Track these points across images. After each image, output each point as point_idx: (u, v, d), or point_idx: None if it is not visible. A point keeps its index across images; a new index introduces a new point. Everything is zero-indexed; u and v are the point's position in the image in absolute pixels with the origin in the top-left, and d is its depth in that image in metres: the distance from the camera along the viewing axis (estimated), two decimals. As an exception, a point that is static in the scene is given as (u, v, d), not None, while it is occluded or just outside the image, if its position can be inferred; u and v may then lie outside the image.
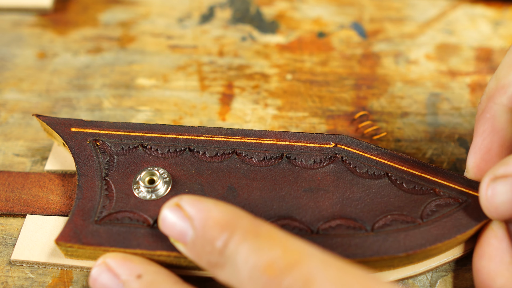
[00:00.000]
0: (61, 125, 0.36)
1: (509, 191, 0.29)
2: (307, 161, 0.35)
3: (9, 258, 0.34)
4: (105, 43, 0.48)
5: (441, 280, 0.33)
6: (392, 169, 0.35)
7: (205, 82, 0.45)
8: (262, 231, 0.27)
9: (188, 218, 0.28)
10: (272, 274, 0.25)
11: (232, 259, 0.26)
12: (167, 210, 0.29)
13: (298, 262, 0.26)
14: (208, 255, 0.27)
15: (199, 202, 0.29)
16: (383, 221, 0.32)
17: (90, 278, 0.30)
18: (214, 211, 0.28)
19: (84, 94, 0.44)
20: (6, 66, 0.46)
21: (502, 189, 0.29)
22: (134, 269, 0.30)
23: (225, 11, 0.51)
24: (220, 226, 0.27)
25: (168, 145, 0.36)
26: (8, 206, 0.36)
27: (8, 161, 0.40)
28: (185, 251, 0.29)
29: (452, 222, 0.32)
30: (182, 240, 0.29)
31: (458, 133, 0.41)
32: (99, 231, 0.32)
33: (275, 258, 0.26)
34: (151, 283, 0.29)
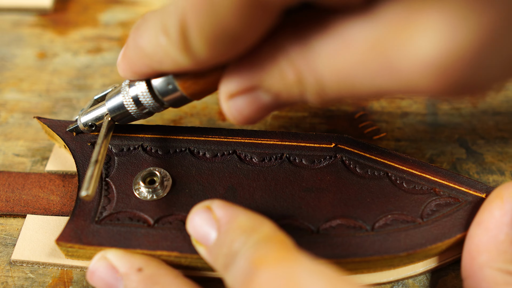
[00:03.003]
0: (62, 128, 0.37)
1: (249, 103, 0.28)
2: (307, 161, 0.35)
3: (9, 258, 0.34)
4: (105, 43, 0.48)
5: (441, 280, 0.34)
6: (392, 169, 0.35)
7: (205, 82, 0.45)
8: (276, 238, 0.27)
9: (216, 220, 0.29)
10: (259, 266, 0.25)
11: (238, 257, 0.27)
12: (197, 211, 0.30)
13: (287, 261, 0.26)
14: (224, 257, 0.27)
15: (229, 207, 0.29)
16: (383, 221, 0.32)
17: (88, 272, 0.31)
18: (241, 217, 0.28)
19: (84, 94, 0.44)
20: (6, 66, 0.46)
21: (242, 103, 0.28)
22: (134, 262, 0.30)
23: (225, 11, 0.51)
24: (241, 230, 0.28)
25: (169, 146, 0.36)
26: (8, 206, 0.36)
27: (8, 161, 0.40)
28: (204, 254, 0.29)
29: (452, 221, 0.32)
30: (205, 242, 0.29)
31: (458, 133, 0.41)
32: (99, 231, 0.32)
33: (267, 254, 0.26)
34: (152, 276, 0.30)
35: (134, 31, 0.29)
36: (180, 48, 0.26)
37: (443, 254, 0.33)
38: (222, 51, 0.25)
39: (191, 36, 0.25)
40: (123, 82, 0.33)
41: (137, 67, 0.30)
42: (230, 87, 0.28)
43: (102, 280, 0.30)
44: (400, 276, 0.33)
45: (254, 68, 0.26)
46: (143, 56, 0.28)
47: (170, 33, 0.26)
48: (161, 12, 0.27)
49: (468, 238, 0.31)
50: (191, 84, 0.30)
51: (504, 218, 0.30)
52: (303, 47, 0.25)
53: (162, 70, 0.29)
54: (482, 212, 0.31)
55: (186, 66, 0.27)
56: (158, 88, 0.31)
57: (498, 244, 0.30)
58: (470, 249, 0.30)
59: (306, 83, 0.25)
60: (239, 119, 0.28)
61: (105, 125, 0.33)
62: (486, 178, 0.38)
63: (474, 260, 0.30)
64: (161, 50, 0.27)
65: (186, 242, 0.31)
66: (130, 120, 0.34)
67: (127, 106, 0.33)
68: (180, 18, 0.25)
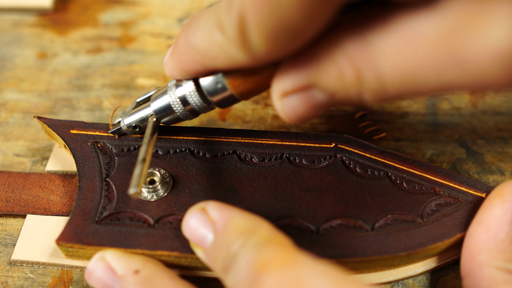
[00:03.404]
0: (62, 127, 0.37)
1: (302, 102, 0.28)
2: (307, 161, 0.35)
3: (9, 258, 0.34)
4: (105, 43, 0.48)
5: (441, 280, 0.34)
6: (392, 169, 0.35)
7: (205, 82, 0.45)
8: (276, 240, 0.27)
9: (212, 222, 0.29)
10: (263, 271, 0.25)
11: (238, 260, 0.26)
12: (192, 213, 0.29)
13: (291, 264, 0.25)
14: (222, 260, 0.27)
15: (224, 208, 0.29)
16: (383, 221, 0.32)
17: (86, 272, 0.31)
18: (238, 218, 0.28)
19: (84, 94, 0.44)
20: (6, 66, 0.46)
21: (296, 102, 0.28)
22: (131, 264, 0.30)
23: (225, 11, 0.51)
24: (239, 232, 0.27)
25: (169, 146, 0.36)
26: (8, 206, 0.36)
27: (8, 161, 0.40)
28: (202, 256, 0.29)
29: (453, 221, 0.32)
30: (202, 245, 0.29)
31: (458, 133, 0.41)
32: (100, 231, 0.32)
33: (271, 258, 0.26)
34: (148, 278, 0.30)
35: (185, 30, 0.29)
36: (237, 44, 0.25)
37: (443, 254, 0.33)
38: (281, 46, 0.25)
39: (249, 32, 0.24)
40: (169, 83, 0.33)
41: (188, 65, 0.29)
42: (284, 85, 0.27)
43: (100, 280, 0.30)
44: (400, 276, 0.33)
45: (309, 66, 0.26)
46: (196, 53, 0.28)
47: (226, 29, 0.25)
48: (215, 9, 0.27)
49: (468, 237, 0.31)
50: (240, 82, 0.29)
51: (504, 217, 0.30)
52: (362, 45, 0.24)
53: (214, 67, 0.28)
54: (482, 211, 0.31)
55: (242, 62, 0.27)
56: (206, 87, 0.31)
57: (499, 242, 0.30)
58: (470, 247, 0.30)
59: (365, 81, 0.25)
60: (292, 118, 0.28)
61: (151, 126, 0.33)
62: (486, 178, 0.38)
63: (474, 259, 0.30)
64: (216, 47, 0.27)
65: (186, 242, 0.31)
66: (175, 121, 0.34)
67: (173, 106, 0.32)
68: (239, 13, 0.24)
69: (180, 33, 0.30)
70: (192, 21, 0.29)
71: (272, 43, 0.25)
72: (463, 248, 0.31)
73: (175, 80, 0.32)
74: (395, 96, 0.25)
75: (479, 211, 0.31)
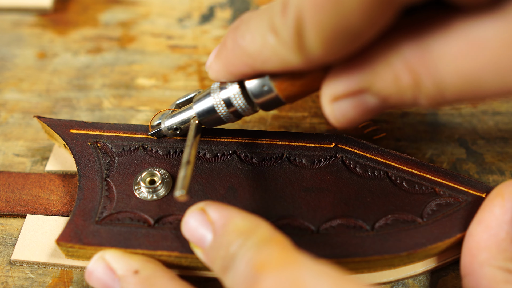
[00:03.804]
0: (62, 127, 0.37)
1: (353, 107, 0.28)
2: (307, 161, 0.35)
3: (9, 258, 0.34)
4: (105, 43, 0.48)
5: (441, 280, 0.34)
6: (392, 169, 0.35)
7: (205, 82, 0.45)
8: (275, 240, 0.27)
9: (211, 222, 0.29)
10: (262, 271, 0.25)
11: (237, 260, 0.26)
12: (191, 213, 0.30)
13: (290, 264, 0.25)
14: (221, 260, 0.27)
15: (223, 208, 0.29)
16: (383, 221, 0.32)
17: (86, 272, 0.31)
18: (237, 218, 0.28)
19: (84, 94, 0.44)
20: (6, 66, 0.46)
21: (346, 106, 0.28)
22: (131, 264, 0.30)
23: (225, 11, 0.51)
24: (238, 232, 0.27)
25: (169, 146, 0.36)
26: (8, 206, 0.36)
27: (8, 161, 0.40)
28: (202, 256, 0.29)
29: (453, 221, 0.32)
30: (201, 245, 0.29)
31: (458, 133, 0.41)
32: (100, 231, 0.32)
33: (270, 258, 0.26)
34: (148, 279, 0.30)
35: (233, 32, 0.29)
36: (292, 47, 0.25)
37: (443, 254, 0.33)
38: (337, 49, 0.24)
39: (306, 34, 0.24)
40: (213, 85, 0.32)
41: (236, 67, 0.29)
42: (335, 89, 0.27)
43: (100, 281, 0.30)
44: (400, 276, 0.33)
45: (363, 70, 0.26)
46: (245, 56, 0.28)
47: (280, 31, 0.25)
48: (266, 11, 0.26)
49: (468, 236, 0.31)
50: (287, 85, 0.29)
51: (504, 216, 0.30)
52: (421, 48, 0.24)
53: (264, 70, 0.28)
54: (482, 210, 0.31)
55: (295, 65, 0.26)
56: (252, 90, 0.30)
57: (499, 242, 0.30)
58: (470, 246, 0.30)
59: (423, 86, 0.24)
60: (342, 123, 0.28)
61: (193, 128, 0.33)
62: (486, 178, 0.38)
63: (474, 258, 0.30)
64: (268, 50, 0.27)
65: (186, 242, 0.31)
66: (218, 123, 0.34)
67: (217, 108, 0.32)
68: (296, 16, 0.24)
69: (227, 35, 0.29)
70: (241, 23, 0.28)
71: (330, 46, 0.24)
72: (463, 248, 0.31)
73: (219, 82, 0.32)
74: (453, 100, 0.25)
75: (479, 211, 0.31)
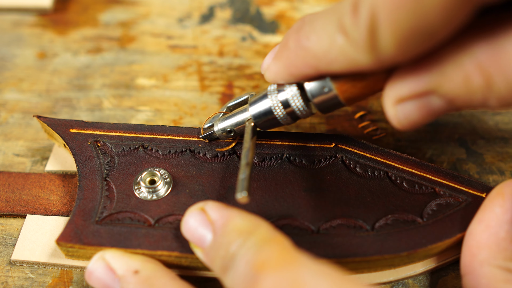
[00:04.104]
0: (62, 126, 0.37)
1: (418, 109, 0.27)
2: (307, 161, 0.35)
3: (9, 258, 0.34)
4: (105, 43, 0.48)
5: (441, 280, 0.34)
6: (392, 169, 0.35)
7: (205, 82, 0.45)
8: (275, 240, 0.27)
9: (211, 222, 0.29)
10: (262, 271, 0.25)
11: (237, 260, 0.26)
12: (191, 213, 0.30)
13: (290, 264, 0.25)
14: (221, 260, 0.27)
15: (223, 208, 0.29)
16: (383, 221, 0.32)
17: (86, 272, 0.31)
18: (237, 218, 0.28)
19: (84, 94, 0.44)
20: (6, 66, 0.46)
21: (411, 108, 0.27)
22: (131, 264, 0.30)
23: (225, 11, 0.51)
24: (238, 232, 0.27)
25: (169, 146, 0.36)
26: (8, 206, 0.36)
27: (8, 161, 0.40)
28: (201, 256, 0.29)
29: (453, 221, 0.32)
30: (201, 245, 0.29)
31: (458, 133, 0.41)
32: (100, 231, 0.32)
33: (270, 258, 0.26)
34: (148, 279, 0.30)
35: (296, 33, 0.28)
36: (363, 47, 0.25)
37: (443, 254, 0.33)
38: (410, 49, 0.24)
39: (380, 34, 0.24)
40: (269, 87, 0.32)
41: (298, 69, 0.29)
42: (401, 91, 0.27)
43: (100, 281, 0.30)
44: (400, 276, 0.33)
45: (430, 71, 0.25)
46: (310, 57, 0.28)
47: (350, 32, 0.25)
48: (333, 11, 0.26)
49: (468, 235, 0.31)
50: (349, 87, 0.29)
51: (505, 216, 0.30)
52: (494, 49, 0.24)
53: (328, 71, 0.28)
54: (483, 209, 0.31)
55: (363, 66, 0.26)
56: (312, 92, 0.30)
57: (499, 241, 0.30)
58: (470, 246, 0.30)
59: (495, 86, 0.24)
60: (405, 125, 0.27)
61: (249, 130, 0.33)
62: (486, 178, 0.38)
63: (474, 257, 0.30)
64: (336, 50, 0.26)
65: (186, 242, 0.31)
66: (273, 125, 0.33)
67: (274, 110, 0.32)
68: (370, 15, 0.24)
69: (288, 37, 0.29)
70: (304, 24, 0.28)
71: (403, 46, 0.24)
72: (463, 247, 0.31)
73: (276, 84, 0.32)
74: None
75: (479, 210, 0.31)
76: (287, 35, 0.29)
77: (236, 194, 0.29)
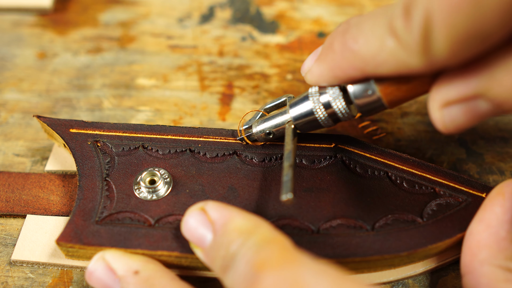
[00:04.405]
0: (62, 126, 0.37)
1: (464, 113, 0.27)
2: (307, 161, 0.35)
3: (9, 258, 0.34)
4: (105, 43, 0.48)
5: (441, 280, 0.34)
6: (392, 169, 0.35)
7: (205, 82, 0.45)
8: (275, 240, 0.27)
9: (211, 222, 0.29)
10: (262, 270, 0.25)
11: (237, 260, 0.27)
12: (191, 213, 0.30)
13: (290, 263, 0.25)
14: (221, 260, 0.27)
15: (223, 208, 0.29)
16: (383, 221, 0.32)
17: (86, 272, 0.31)
18: (237, 218, 0.28)
19: (84, 94, 0.44)
20: (6, 66, 0.46)
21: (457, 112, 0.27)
22: (131, 265, 0.30)
23: (225, 11, 0.51)
24: (238, 232, 0.27)
25: (169, 146, 0.36)
26: (8, 206, 0.36)
27: (8, 161, 0.40)
28: (202, 256, 0.29)
29: (453, 221, 0.32)
30: (201, 245, 0.29)
31: (458, 133, 0.41)
32: (100, 231, 0.32)
33: (270, 258, 0.26)
34: (148, 279, 0.30)
35: (342, 36, 0.28)
36: (415, 50, 0.25)
37: (443, 254, 0.33)
38: (463, 52, 0.24)
39: (435, 37, 0.24)
40: (310, 89, 0.32)
41: (343, 71, 0.29)
42: (448, 94, 0.26)
43: (100, 281, 0.30)
44: (400, 276, 0.33)
45: (480, 75, 0.25)
46: (357, 60, 0.28)
47: (402, 34, 0.25)
48: (383, 14, 0.26)
49: (468, 235, 0.31)
50: (393, 90, 0.29)
51: (505, 215, 0.30)
52: None
53: (375, 73, 0.28)
54: (483, 209, 0.31)
55: (414, 69, 0.26)
56: (355, 94, 0.30)
57: (499, 241, 0.30)
58: (470, 245, 0.30)
59: None
60: (450, 129, 0.27)
61: (290, 132, 0.33)
62: (486, 178, 0.38)
63: (474, 257, 0.30)
64: (386, 53, 0.26)
65: (186, 242, 0.31)
66: (314, 128, 0.33)
67: (316, 113, 0.32)
68: (424, 18, 0.24)
69: (333, 39, 0.29)
70: (351, 27, 0.28)
71: (457, 49, 0.24)
72: (463, 246, 0.31)
73: (317, 86, 0.32)
74: None
75: (480, 209, 0.31)
76: (332, 37, 0.29)
77: (280, 196, 0.29)
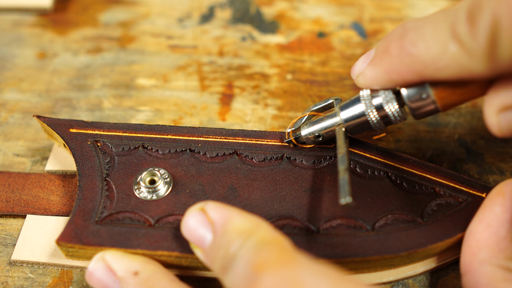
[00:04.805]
0: (62, 126, 0.37)
1: None
2: (307, 161, 0.35)
3: (9, 258, 0.34)
4: (105, 43, 0.48)
5: (441, 280, 0.34)
6: (392, 169, 0.35)
7: (205, 82, 0.45)
8: (274, 240, 0.27)
9: (211, 222, 0.29)
10: (261, 271, 0.25)
11: (237, 260, 0.27)
12: (191, 213, 0.30)
13: (290, 264, 0.25)
14: (221, 260, 0.27)
15: (223, 208, 0.29)
16: (383, 220, 0.32)
17: (86, 273, 0.31)
18: (237, 218, 0.28)
19: (84, 94, 0.44)
20: (6, 66, 0.46)
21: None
22: (131, 266, 0.30)
23: (225, 11, 0.51)
24: (238, 232, 0.27)
25: (169, 146, 0.36)
26: (8, 206, 0.36)
27: (8, 161, 0.40)
28: (201, 256, 0.29)
29: (453, 221, 0.32)
30: (201, 245, 0.29)
31: (458, 133, 0.41)
32: (100, 232, 0.32)
33: (269, 258, 0.26)
34: (147, 280, 0.30)
35: (399, 39, 0.28)
36: (480, 55, 0.25)
37: (443, 254, 0.33)
38: None
39: (502, 43, 0.24)
40: (362, 92, 0.32)
41: (399, 75, 0.29)
42: (506, 99, 0.27)
43: (100, 281, 0.30)
44: (400, 276, 0.33)
45: None
46: (416, 63, 0.28)
47: (466, 39, 0.25)
48: (445, 18, 0.26)
49: (468, 234, 0.31)
50: (448, 94, 0.29)
51: (505, 215, 0.30)
52: None
53: (434, 77, 0.28)
54: (483, 209, 0.31)
55: (477, 73, 0.26)
56: (409, 97, 0.30)
57: (499, 240, 0.30)
58: (470, 245, 0.30)
59: None
60: (506, 133, 0.28)
61: (342, 135, 0.33)
62: (486, 178, 0.38)
63: (474, 256, 0.30)
64: (448, 58, 0.26)
65: (186, 243, 0.31)
66: (364, 130, 0.33)
67: (368, 116, 0.32)
68: (491, 23, 0.24)
69: (389, 43, 0.29)
70: (408, 31, 0.28)
71: None
72: (463, 246, 0.31)
73: (369, 89, 0.32)
74: None
75: (480, 209, 0.31)
76: (387, 41, 0.29)
77: (339, 200, 0.29)
